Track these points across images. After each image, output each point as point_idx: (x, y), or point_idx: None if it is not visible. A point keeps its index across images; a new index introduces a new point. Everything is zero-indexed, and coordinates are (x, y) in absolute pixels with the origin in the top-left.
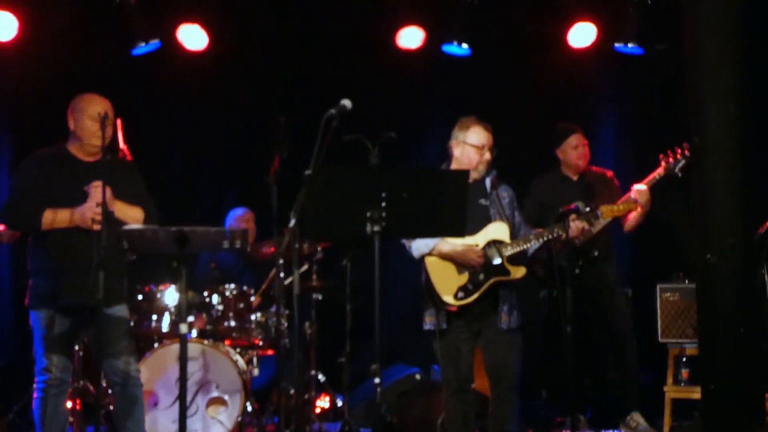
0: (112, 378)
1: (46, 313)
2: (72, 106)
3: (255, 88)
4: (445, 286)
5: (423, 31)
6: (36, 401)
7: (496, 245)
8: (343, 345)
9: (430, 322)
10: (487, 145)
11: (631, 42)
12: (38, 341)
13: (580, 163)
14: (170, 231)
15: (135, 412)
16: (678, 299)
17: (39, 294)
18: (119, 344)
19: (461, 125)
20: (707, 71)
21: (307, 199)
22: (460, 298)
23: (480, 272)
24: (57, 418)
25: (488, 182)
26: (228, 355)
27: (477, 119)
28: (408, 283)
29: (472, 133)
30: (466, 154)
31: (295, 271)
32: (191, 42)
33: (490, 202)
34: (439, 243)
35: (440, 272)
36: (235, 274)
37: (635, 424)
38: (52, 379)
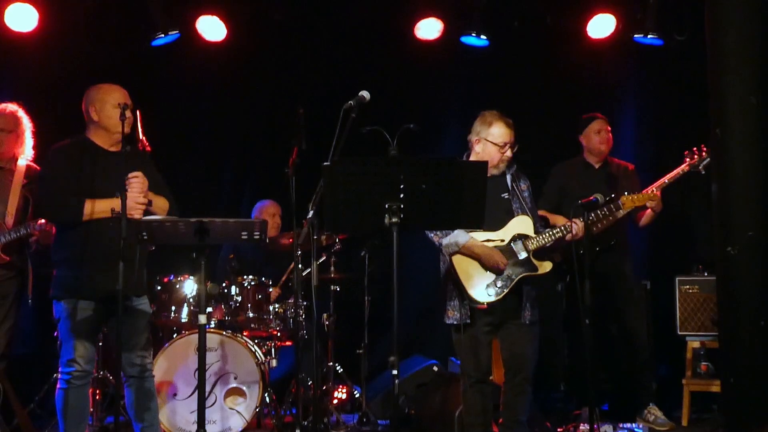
0: (128, 370)
1: (71, 303)
2: (90, 97)
3: (273, 80)
4: (473, 284)
5: (441, 23)
6: (59, 392)
7: (521, 239)
8: (361, 336)
9: (452, 316)
10: (508, 143)
11: (651, 33)
12: (63, 332)
13: (602, 148)
14: (190, 222)
15: (151, 405)
16: (697, 292)
17: (64, 284)
18: (139, 337)
19: (483, 120)
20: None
21: (325, 190)
22: (489, 296)
23: (508, 269)
24: (79, 408)
25: (509, 177)
26: (246, 346)
27: (499, 115)
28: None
29: (494, 130)
30: (487, 151)
31: (314, 262)
32: (210, 33)
33: (512, 196)
34: (468, 242)
35: (468, 270)
36: (254, 266)
37: (653, 417)
38: (77, 370)
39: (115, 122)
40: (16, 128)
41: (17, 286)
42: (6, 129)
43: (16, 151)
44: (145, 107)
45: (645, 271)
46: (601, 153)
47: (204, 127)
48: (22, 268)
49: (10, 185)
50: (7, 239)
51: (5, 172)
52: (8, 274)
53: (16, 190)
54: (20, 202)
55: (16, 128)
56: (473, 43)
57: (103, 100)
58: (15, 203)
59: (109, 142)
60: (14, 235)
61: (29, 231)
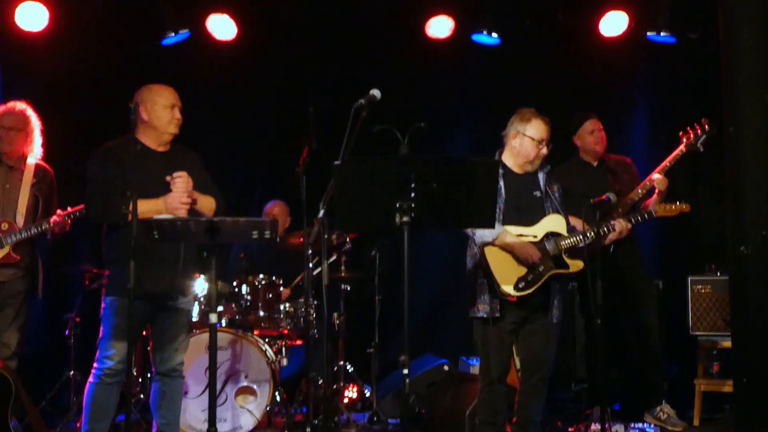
0: (159, 367)
1: (116, 301)
2: (141, 96)
3: (284, 79)
4: (504, 276)
5: (452, 21)
6: (89, 385)
7: (554, 237)
8: (371, 335)
9: (482, 309)
10: (545, 139)
11: (664, 31)
12: (106, 328)
13: (597, 148)
14: (200, 221)
15: (173, 404)
16: (709, 291)
17: (117, 283)
18: (178, 338)
19: (522, 117)
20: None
21: (336, 189)
22: (519, 289)
23: (540, 264)
24: (104, 406)
25: (542, 176)
26: (257, 345)
27: (537, 112)
28: (436, 274)
29: (533, 126)
30: (524, 147)
31: (324, 261)
32: (220, 32)
33: (544, 195)
34: (502, 233)
35: (500, 262)
36: (264, 265)
37: (665, 417)
38: (111, 368)
39: (165, 122)
40: (25, 127)
41: (27, 284)
42: (15, 128)
43: (25, 150)
44: None
45: (657, 271)
46: (596, 153)
47: (214, 126)
48: (32, 267)
49: (19, 185)
50: (18, 239)
51: (15, 172)
52: (19, 273)
53: (26, 189)
54: (30, 202)
55: (25, 127)
56: (484, 42)
57: (153, 100)
58: (25, 203)
59: (157, 141)
60: (25, 234)
61: (40, 230)
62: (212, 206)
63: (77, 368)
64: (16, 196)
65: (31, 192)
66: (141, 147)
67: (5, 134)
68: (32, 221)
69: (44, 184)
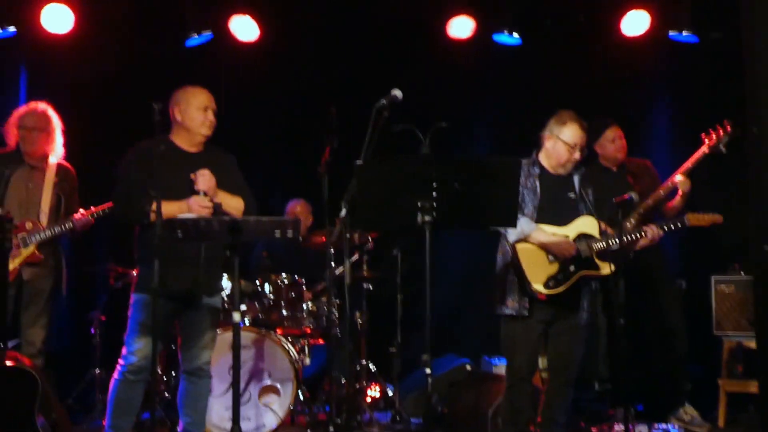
0: (187, 367)
1: (143, 298)
2: (175, 99)
3: (306, 79)
4: (535, 274)
5: (473, 21)
6: (113, 381)
7: (585, 239)
8: (393, 335)
9: (512, 307)
10: (579, 145)
11: (686, 30)
12: (132, 324)
13: (619, 156)
14: (223, 221)
15: (200, 403)
16: (733, 291)
17: (143, 280)
18: (204, 336)
19: (558, 119)
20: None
21: (358, 189)
22: (549, 287)
23: (570, 264)
24: (128, 402)
25: (576, 179)
26: (280, 344)
27: (575, 116)
28: (458, 273)
29: (568, 130)
30: (557, 150)
31: (346, 260)
32: (243, 33)
33: (578, 198)
34: (535, 231)
35: (531, 259)
36: (287, 264)
37: (689, 418)
38: (134, 364)
39: (198, 124)
40: (47, 126)
41: (51, 283)
42: (37, 128)
43: (47, 150)
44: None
45: (681, 270)
46: (617, 160)
47: (236, 127)
48: (56, 265)
49: (42, 184)
50: (42, 238)
51: (37, 171)
52: (42, 271)
53: (49, 188)
54: (53, 201)
55: (46, 127)
56: (505, 42)
57: (187, 101)
58: (48, 202)
59: (190, 142)
60: (49, 233)
61: (64, 229)
62: (240, 207)
63: (102, 366)
64: (39, 195)
65: (54, 191)
66: (173, 148)
67: (27, 134)
68: (55, 220)
69: (66, 184)
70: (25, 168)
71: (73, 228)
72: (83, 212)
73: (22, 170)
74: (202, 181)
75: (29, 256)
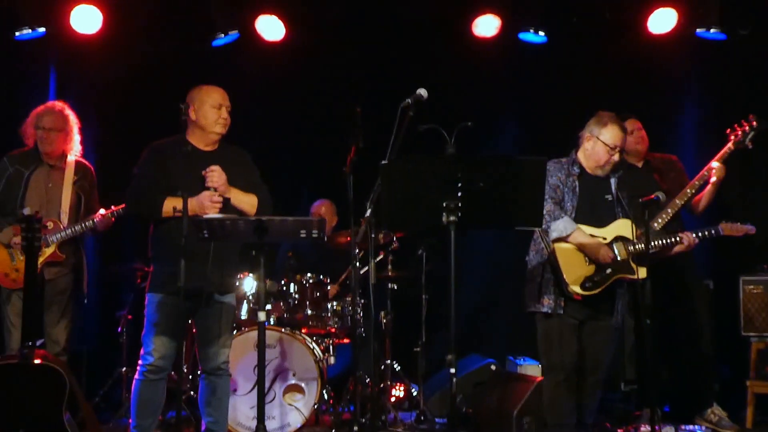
0: (205, 366)
1: (163, 297)
2: (190, 97)
3: (331, 78)
4: (572, 274)
5: (499, 19)
6: (135, 382)
7: (622, 241)
8: (418, 334)
9: (547, 305)
10: (618, 146)
11: (714, 27)
12: (149, 324)
13: (639, 147)
14: (249, 221)
15: (221, 402)
16: (761, 292)
17: (159, 279)
18: (222, 334)
19: (599, 120)
20: None
21: (383, 188)
22: (586, 288)
23: (608, 266)
24: (151, 402)
25: (614, 181)
26: (305, 343)
27: (616, 117)
28: (483, 273)
29: (608, 132)
30: (596, 151)
31: (371, 260)
32: (269, 33)
33: (615, 200)
34: (576, 230)
35: (569, 259)
36: (312, 263)
37: (716, 418)
38: (153, 364)
39: (211, 122)
40: (65, 126)
41: (73, 282)
42: (55, 128)
43: (65, 149)
44: None
45: (708, 271)
46: (638, 153)
47: (262, 126)
48: (77, 264)
49: (61, 183)
50: (63, 237)
51: (56, 171)
52: (63, 271)
53: (68, 187)
54: (73, 200)
55: (64, 126)
56: (531, 40)
57: (202, 100)
58: (68, 201)
59: (205, 141)
60: (70, 232)
61: (85, 228)
62: (254, 203)
63: (129, 365)
64: (59, 194)
65: (73, 190)
66: (188, 146)
67: (46, 135)
68: (76, 219)
69: (85, 182)
70: (43, 167)
71: (94, 228)
72: (104, 211)
73: (41, 170)
74: (213, 177)
75: (50, 255)
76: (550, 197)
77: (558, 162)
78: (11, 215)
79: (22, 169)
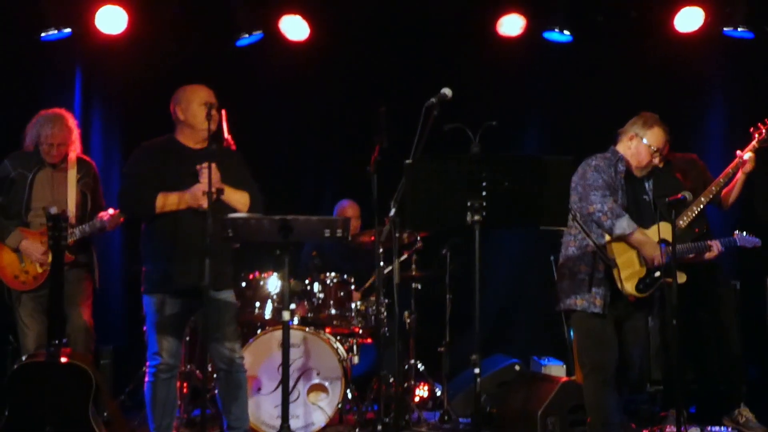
0: (218, 363)
1: (158, 297)
2: (177, 98)
3: (355, 78)
4: (627, 275)
5: (524, 19)
6: (147, 384)
7: (666, 245)
8: (442, 334)
9: (599, 305)
10: (660, 149)
11: (741, 26)
12: (150, 326)
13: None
14: (274, 220)
15: (239, 397)
16: None
17: (151, 279)
18: (226, 329)
19: (645, 122)
20: None
21: (407, 188)
22: (640, 290)
23: (656, 269)
24: (167, 401)
25: (648, 184)
26: (329, 343)
27: (659, 119)
28: (507, 273)
29: (653, 134)
30: (639, 151)
31: (395, 260)
32: (293, 33)
33: (652, 202)
34: (637, 231)
35: (624, 259)
36: (336, 263)
37: (743, 420)
38: (163, 363)
39: (201, 120)
40: (69, 136)
41: (85, 281)
42: (64, 143)
43: (68, 152)
44: (229, 106)
45: (735, 271)
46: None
47: (286, 126)
48: (88, 263)
49: (66, 183)
50: (73, 238)
51: (59, 171)
52: (75, 271)
53: (73, 186)
54: (79, 198)
55: (69, 136)
56: (556, 39)
57: (189, 99)
58: (74, 200)
59: (195, 140)
60: (78, 233)
61: (95, 228)
62: (245, 201)
63: None
64: (64, 195)
65: (78, 188)
66: (179, 145)
67: (56, 151)
68: (83, 217)
69: (89, 178)
70: (46, 169)
71: (104, 227)
72: (113, 211)
73: (45, 171)
74: (204, 173)
75: None
76: (608, 193)
77: (605, 158)
78: (17, 218)
79: (24, 171)
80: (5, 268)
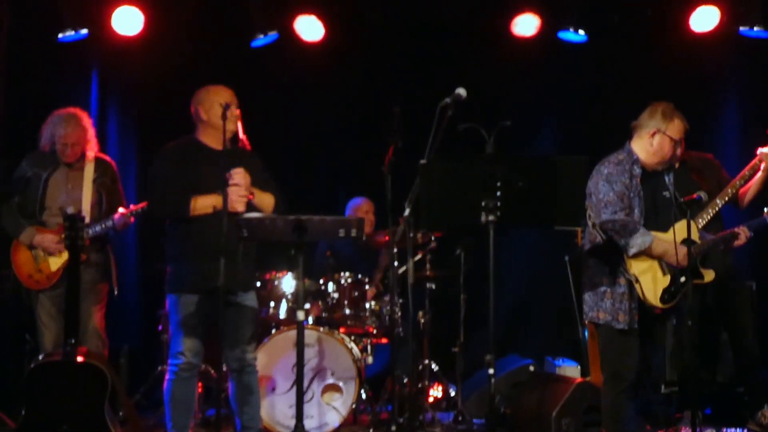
0: (231, 364)
1: (182, 297)
2: (199, 98)
3: (370, 78)
4: (650, 289)
5: (539, 18)
6: (167, 383)
7: (690, 244)
8: (456, 334)
9: (624, 321)
10: (681, 139)
11: (757, 25)
12: (174, 325)
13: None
14: (288, 219)
15: (251, 398)
16: None
17: (174, 279)
18: (243, 332)
19: (664, 115)
20: None
21: (421, 188)
22: (665, 301)
23: (681, 275)
24: (185, 400)
25: (668, 178)
26: (343, 343)
27: (675, 108)
28: (521, 273)
29: (674, 126)
30: (663, 146)
31: (410, 260)
32: (308, 33)
33: (672, 197)
34: (654, 242)
35: (646, 273)
36: (350, 263)
37: (766, 421)
38: (184, 363)
39: None
40: (85, 135)
41: (100, 281)
42: (79, 143)
43: (85, 151)
44: (244, 107)
45: (751, 272)
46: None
47: (301, 126)
48: (104, 263)
49: (81, 183)
50: (89, 236)
51: (75, 171)
52: (89, 271)
53: (88, 186)
54: (94, 198)
55: (84, 136)
56: (571, 39)
57: (211, 100)
58: (89, 200)
59: (218, 140)
60: (91, 233)
61: (105, 228)
62: (271, 203)
63: None
64: (79, 194)
65: (94, 188)
66: (201, 146)
67: (71, 150)
68: (98, 217)
69: (106, 178)
70: (62, 169)
71: (113, 227)
72: (123, 211)
73: (60, 171)
74: (239, 177)
75: None
76: (619, 209)
77: (618, 163)
78: (32, 218)
79: (39, 171)
80: (21, 267)
